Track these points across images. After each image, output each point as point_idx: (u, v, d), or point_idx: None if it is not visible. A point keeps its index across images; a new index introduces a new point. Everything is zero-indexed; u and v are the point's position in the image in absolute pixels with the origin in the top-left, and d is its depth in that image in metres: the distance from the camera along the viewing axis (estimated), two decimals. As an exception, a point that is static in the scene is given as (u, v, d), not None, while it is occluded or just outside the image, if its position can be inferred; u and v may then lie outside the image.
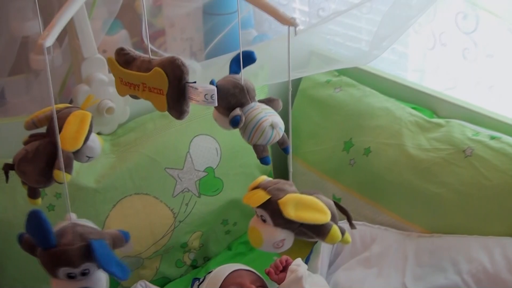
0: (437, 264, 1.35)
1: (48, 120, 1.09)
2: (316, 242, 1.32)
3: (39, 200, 1.13)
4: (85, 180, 1.46)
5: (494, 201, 1.36)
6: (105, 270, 0.90)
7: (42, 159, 1.03)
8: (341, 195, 1.69)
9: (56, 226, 0.95)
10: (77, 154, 1.07)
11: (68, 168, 1.02)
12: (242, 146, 1.74)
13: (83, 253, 0.89)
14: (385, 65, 1.79)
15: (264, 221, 1.03)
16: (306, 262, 1.49)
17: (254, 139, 1.05)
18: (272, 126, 1.04)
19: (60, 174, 1.00)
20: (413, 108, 1.62)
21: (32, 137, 1.09)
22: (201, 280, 1.48)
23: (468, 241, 1.36)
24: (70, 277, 0.90)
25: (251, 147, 1.77)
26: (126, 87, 1.07)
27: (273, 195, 1.01)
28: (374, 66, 1.77)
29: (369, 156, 1.61)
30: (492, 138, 1.41)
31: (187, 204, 1.62)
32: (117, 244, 0.96)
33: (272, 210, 1.00)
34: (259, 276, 1.48)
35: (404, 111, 1.60)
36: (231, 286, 1.40)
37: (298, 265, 1.40)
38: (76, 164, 1.43)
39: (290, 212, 0.98)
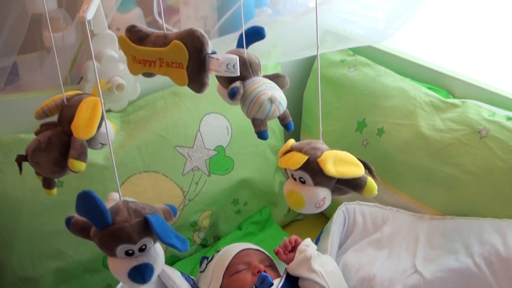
0: (448, 246, 1.33)
1: (59, 109, 1.07)
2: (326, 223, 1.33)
3: (55, 190, 1.11)
4: (94, 157, 1.45)
5: (509, 183, 1.32)
6: (165, 242, 0.87)
7: (55, 149, 1.02)
8: (353, 176, 1.67)
9: (106, 204, 0.95)
10: (90, 142, 1.05)
11: (83, 157, 1.00)
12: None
13: (141, 228, 0.88)
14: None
15: (302, 182, 1.02)
16: (316, 243, 1.48)
17: (252, 112, 1.03)
18: (271, 100, 1.02)
19: (75, 163, 0.99)
20: (428, 88, 1.59)
21: (44, 127, 1.08)
22: (209, 259, 1.47)
23: (481, 224, 1.33)
24: (129, 254, 0.89)
25: (262, 127, 1.76)
26: (140, 65, 1.04)
27: (311, 155, 1.01)
28: (388, 45, 1.73)
29: (382, 137, 1.58)
30: (509, 119, 1.37)
31: (196, 183, 1.61)
32: (167, 218, 0.94)
33: (312, 169, 1.00)
34: (267, 255, 1.47)
35: (419, 91, 1.57)
36: (239, 265, 1.39)
37: (307, 245, 1.39)
38: (85, 139, 1.43)
39: (331, 169, 0.98)
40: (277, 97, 1.03)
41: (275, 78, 1.09)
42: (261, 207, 1.81)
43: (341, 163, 1.00)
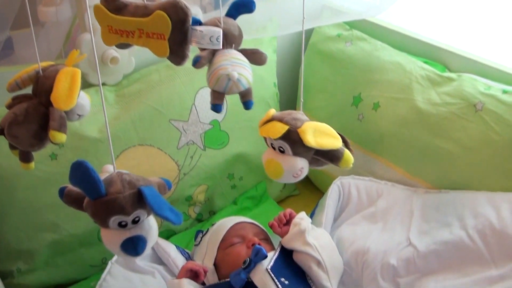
0: (442, 220, 1.33)
1: (32, 80, 1.04)
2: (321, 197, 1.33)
3: (32, 164, 1.10)
4: (88, 130, 1.45)
5: (503, 157, 1.32)
6: (159, 215, 0.87)
7: (34, 121, 1.00)
8: (348, 151, 1.67)
9: (100, 176, 0.94)
10: (67, 113, 1.02)
11: (64, 128, 0.99)
12: (248, 99, 1.71)
13: (134, 200, 0.87)
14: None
15: (281, 152, 1.04)
16: (311, 216, 1.48)
17: (211, 84, 1.04)
18: (229, 77, 1.01)
19: (56, 135, 0.98)
20: (424, 62, 1.58)
21: (16, 100, 1.05)
22: (204, 232, 1.48)
23: (475, 197, 1.34)
24: (121, 226, 0.88)
25: (258, 102, 1.75)
26: (116, 35, 1.00)
27: (291, 125, 1.04)
28: (384, 19, 1.72)
29: (378, 111, 1.58)
30: (505, 92, 1.37)
31: (191, 157, 1.61)
32: (162, 192, 0.94)
33: (292, 139, 1.03)
34: (262, 229, 1.47)
35: (415, 65, 1.56)
36: (233, 238, 1.39)
37: (301, 218, 1.39)
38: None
39: (310, 140, 1.01)
40: (235, 74, 1.02)
41: (251, 54, 1.09)
42: (257, 182, 1.81)
43: (320, 134, 1.03)
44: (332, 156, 1.05)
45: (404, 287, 1.26)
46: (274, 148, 1.06)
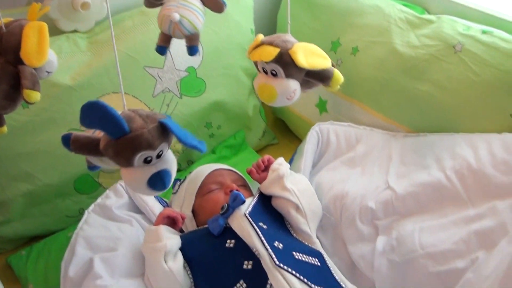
0: (421, 162, 1.33)
1: None
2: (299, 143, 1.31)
3: (5, 128, 1.07)
4: (60, 77, 1.41)
5: (482, 98, 1.32)
6: (186, 144, 0.87)
7: (4, 82, 0.96)
8: (327, 97, 1.65)
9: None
10: (36, 71, 1.00)
11: (38, 86, 0.97)
12: (225, 47, 1.68)
13: (158, 133, 0.87)
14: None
15: (274, 75, 1.04)
16: (290, 163, 1.47)
17: (158, 24, 1.06)
18: (171, 19, 1.01)
19: (31, 94, 0.95)
20: (403, 5, 1.55)
21: None
22: (182, 180, 1.46)
23: (453, 139, 1.33)
24: (147, 162, 0.87)
25: (235, 48, 1.72)
26: None
27: (282, 47, 1.04)
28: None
29: (357, 56, 1.56)
30: (484, 32, 1.35)
31: (168, 105, 1.58)
32: None
33: (284, 62, 1.03)
34: (240, 175, 1.46)
35: (394, 8, 1.53)
36: (211, 184, 1.38)
37: (280, 164, 1.38)
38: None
39: (302, 61, 1.02)
40: (176, 16, 1.01)
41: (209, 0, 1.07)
42: (235, 131, 1.79)
43: (311, 55, 1.03)
44: (322, 76, 1.06)
45: (382, 229, 1.25)
46: (265, 73, 1.06)
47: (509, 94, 1.28)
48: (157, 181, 0.89)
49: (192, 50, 1.09)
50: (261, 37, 1.10)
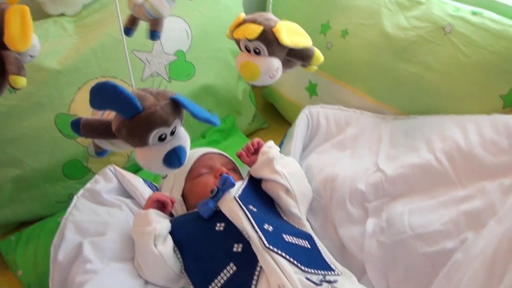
0: (410, 144, 1.32)
1: None
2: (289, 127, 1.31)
3: None
4: (47, 61, 1.39)
5: (472, 79, 1.31)
6: (200, 118, 0.87)
7: None
8: (317, 80, 1.65)
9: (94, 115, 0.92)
10: (20, 55, 0.97)
11: (23, 71, 0.95)
12: (214, 30, 1.67)
13: (172, 110, 0.87)
14: None
15: (257, 53, 1.05)
16: (280, 146, 1.47)
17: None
18: (134, 2, 1.04)
19: (18, 79, 0.94)
20: (393, -13, 1.54)
21: None
22: (172, 164, 1.45)
23: (443, 120, 1.33)
24: (161, 139, 0.87)
25: (224, 31, 1.70)
26: None
27: (265, 25, 1.04)
28: None
29: (346, 38, 1.55)
30: (474, 13, 1.35)
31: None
32: None
33: (268, 39, 1.04)
34: (230, 159, 1.45)
35: (384, -10, 1.53)
36: (201, 168, 1.37)
37: (270, 147, 1.37)
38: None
39: (286, 39, 1.03)
40: (140, 1, 1.03)
41: None
42: (225, 115, 1.79)
43: (293, 33, 1.04)
44: (304, 55, 1.07)
45: (372, 211, 1.25)
46: (248, 51, 1.06)
47: (498, 75, 1.28)
48: (173, 158, 0.89)
49: (152, 34, 1.09)
50: (243, 15, 1.10)
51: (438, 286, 1.07)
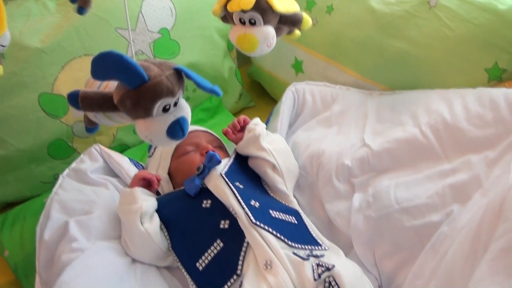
0: (396, 119, 1.33)
1: None
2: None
3: None
4: (28, 40, 1.38)
5: (457, 53, 1.32)
6: (204, 88, 0.88)
7: None
8: (303, 57, 1.64)
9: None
10: None
11: (0, 59, 0.93)
12: (198, 7, 1.65)
13: (176, 80, 0.87)
14: None
15: (252, 24, 1.07)
16: (266, 124, 1.46)
17: None
18: None
19: None
20: (378, -39, 1.53)
21: None
22: (157, 143, 1.44)
23: (429, 95, 1.33)
24: (165, 110, 0.87)
25: (209, 9, 1.68)
26: None
27: None
28: None
29: (332, 14, 1.54)
30: (458, -13, 1.34)
31: (141, 67, 1.55)
32: None
33: (263, 8, 1.06)
34: (216, 136, 1.44)
35: (369, -36, 1.52)
36: (187, 146, 1.37)
37: (256, 124, 1.37)
38: (18, 22, 1.34)
39: (279, 6, 1.06)
40: None
41: None
42: (211, 94, 1.77)
43: (280, 1, 1.07)
44: (295, 20, 1.11)
45: (358, 186, 1.26)
46: (243, 23, 1.08)
47: (483, 49, 1.28)
48: (177, 129, 0.89)
49: (80, 10, 1.08)
50: None
51: (424, 258, 1.08)
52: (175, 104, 0.88)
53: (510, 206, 0.91)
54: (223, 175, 1.21)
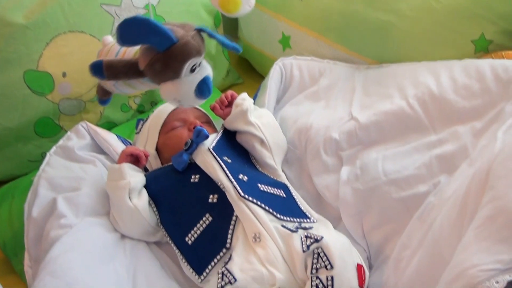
0: (384, 92, 1.33)
1: None
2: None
3: None
4: (12, 15, 1.36)
5: (444, 24, 1.32)
6: (226, 46, 0.93)
7: None
8: (290, 32, 1.63)
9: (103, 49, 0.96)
10: None
11: None
12: (184, -18, 1.64)
13: (201, 40, 0.90)
14: None
15: None
16: (254, 99, 1.46)
17: None
18: None
19: None
20: None
21: None
22: (145, 120, 1.44)
23: (416, 68, 1.33)
24: (192, 70, 0.90)
25: (195, -17, 1.68)
26: None
27: None
28: None
29: (318, -12, 1.53)
30: (446, -42, 1.34)
31: (127, 44, 1.54)
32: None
33: None
34: (204, 112, 1.44)
35: None
36: (174, 121, 1.36)
37: (243, 99, 1.36)
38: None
39: None
40: None
41: None
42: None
43: None
44: None
45: (346, 159, 1.26)
46: None
47: (469, 20, 1.28)
48: (204, 88, 0.93)
49: None
50: None
51: (412, 227, 1.09)
52: (200, 63, 0.92)
53: (496, 175, 0.92)
54: (211, 150, 1.21)
